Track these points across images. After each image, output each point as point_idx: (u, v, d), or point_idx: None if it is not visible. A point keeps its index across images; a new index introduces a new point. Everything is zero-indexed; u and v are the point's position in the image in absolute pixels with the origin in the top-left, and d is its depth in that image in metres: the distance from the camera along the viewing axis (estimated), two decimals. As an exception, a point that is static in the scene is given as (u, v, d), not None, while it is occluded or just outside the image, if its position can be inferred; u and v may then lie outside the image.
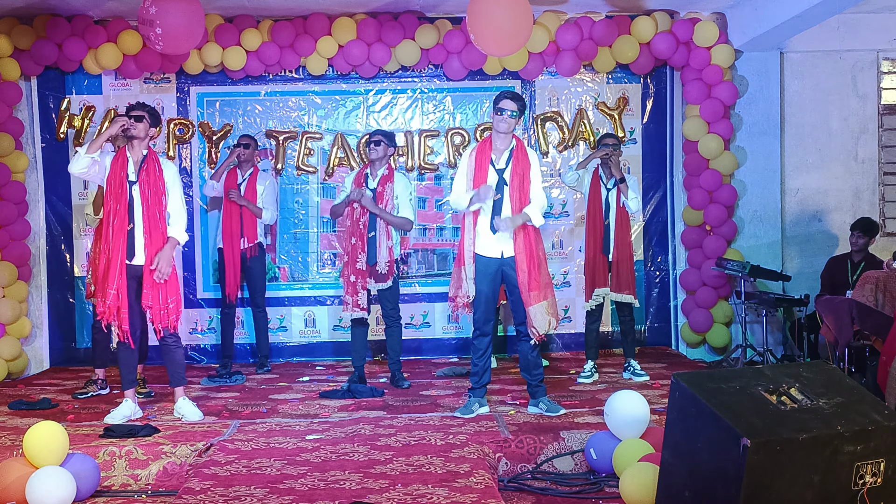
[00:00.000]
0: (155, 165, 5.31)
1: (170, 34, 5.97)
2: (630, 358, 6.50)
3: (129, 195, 5.25)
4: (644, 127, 7.81)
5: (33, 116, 7.41)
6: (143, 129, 5.28)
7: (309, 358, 7.66)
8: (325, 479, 4.13)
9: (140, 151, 5.31)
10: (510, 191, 5.22)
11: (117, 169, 5.27)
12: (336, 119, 7.73)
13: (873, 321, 5.37)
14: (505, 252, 5.26)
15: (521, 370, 5.50)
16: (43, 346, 7.48)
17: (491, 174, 5.24)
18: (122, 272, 5.20)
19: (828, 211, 7.76)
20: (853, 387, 3.56)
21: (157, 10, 5.89)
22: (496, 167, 5.25)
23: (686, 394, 3.40)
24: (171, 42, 6.07)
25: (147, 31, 6.01)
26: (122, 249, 5.21)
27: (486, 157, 5.26)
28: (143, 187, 5.25)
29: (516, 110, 5.21)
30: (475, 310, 5.34)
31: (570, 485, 4.42)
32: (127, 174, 5.27)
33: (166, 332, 5.31)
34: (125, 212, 5.24)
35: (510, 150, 5.27)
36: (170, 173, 5.39)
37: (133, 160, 5.31)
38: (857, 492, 3.28)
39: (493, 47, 6.15)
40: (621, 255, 6.32)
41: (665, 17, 7.39)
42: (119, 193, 5.24)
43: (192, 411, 5.38)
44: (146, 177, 5.26)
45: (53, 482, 4.04)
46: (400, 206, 6.21)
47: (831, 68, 7.73)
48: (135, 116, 5.27)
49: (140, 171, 5.26)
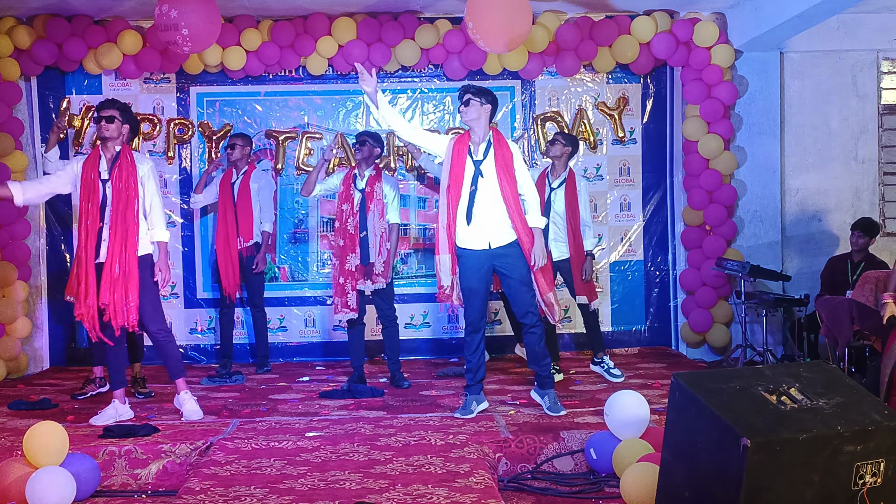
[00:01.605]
0: (128, 162, 5.25)
1: (196, 33, 5.91)
2: (599, 352, 6.48)
3: (101, 194, 5.22)
4: (644, 127, 7.81)
5: (33, 116, 7.41)
6: (115, 129, 5.23)
7: (309, 358, 7.66)
8: (325, 479, 4.13)
9: (113, 149, 5.28)
10: (492, 183, 5.17)
11: (89, 168, 5.25)
12: (336, 119, 7.73)
13: (873, 321, 5.37)
14: (493, 242, 5.20)
15: (528, 363, 5.49)
16: (43, 346, 7.48)
17: (468, 165, 5.22)
18: (92, 272, 5.16)
19: (828, 211, 7.76)
20: (853, 387, 3.56)
21: (179, 13, 5.82)
22: (474, 158, 5.24)
23: (686, 394, 3.40)
24: (199, 40, 6.00)
25: (172, 36, 5.92)
26: (93, 249, 5.17)
27: (465, 147, 5.24)
28: (115, 185, 5.20)
29: (471, 97, 5.17)
30: (467, 306, 5.31)
31: (570, 485, 4.42)
32: (99, 172, 5.24)
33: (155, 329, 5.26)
34: (97, 211, 5.20)
35: (488, 141, 5.25)
36: (143, 170, 5.30)
37: (105, 158, 5.28)
38: (856, 492, 3.28)
39: (492, 42, 6.10)
40: (576, 255, 6.30)
41: (665, 17, 7.39)
42: (91, 192, 5.21)
43: (192, 408, 5.36)
44: (118, 174, 5.21)
45: (53, 482, 4.04)
46: (388, 207, 6.22)
47: (831, 68, 7.73)
48: (105, 118, 5.21)
49: (112, 169, 5.23)
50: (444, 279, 5.29)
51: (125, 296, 5.14)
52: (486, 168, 5.20)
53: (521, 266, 5.22)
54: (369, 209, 6.16)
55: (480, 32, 6.00)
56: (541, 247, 5.23)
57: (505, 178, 5.19)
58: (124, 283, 5.14)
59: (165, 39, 6.07)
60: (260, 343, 7.15)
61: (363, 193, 6.18)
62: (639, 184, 7.80)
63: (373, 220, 6.15)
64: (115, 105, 5.29)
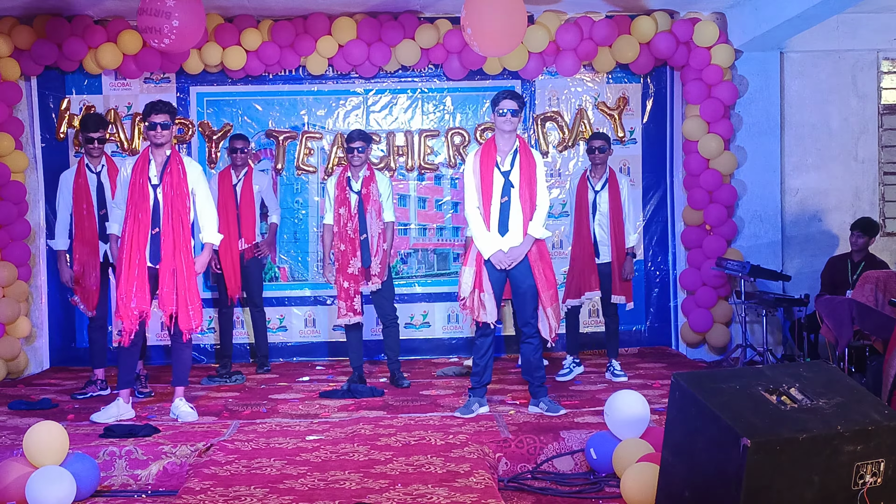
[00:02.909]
0: (179, 167, 5.24)
1: (184, 29, 5.75)
2: (612, 358, 6.53)
3: (154, 199, 5.21)
4: (644, 127, 7.81)
5: (33, 116, 7.41)
6: (168, 134, 5.23)
7: (309, 358, 7.66)
8: (325, 479, 4.13)
9: (164, 153, 5.26)
10: (519, 192, 5.20)
11: (138, 173, 5.22)
12: (336, 119, 7.72)
13: (873, 321, 5.37)
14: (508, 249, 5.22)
15: (522, 373, 5.50)
16: (43, 346, 7.48)
17: (497, 177, 5.22)
18: (145, 276, 5.18)
19: (828, 211, 7.76)
20: (853, 387, 3.56)
21: (176, 3, 5.66)
22: (501, 170, 5.24)
23: (686, 394, 3.40)
24: (184, 37, 5.84)
25: (160, 24, 5.68)
26: (144, 253, 5.17)
27: (491, 160, 5.24)
28: (166, 190, 5.19)
29: (517, 108, 5.21)
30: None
31: (570, 485, 4.42)
32: (149, 178, 5.22)
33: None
34: (148, 216, 5.18)
35: (514, 150, 5.26)
36: (194, 174, 5.31)
37: (156, 162, 5.26)
38: (857, 492, 3.28)
39: (488, 46, 6.07)
40: (617, 257, 6.34)
41: (665, 16, 7.39)
42: (141, 198, 5.18)
43: (187, 412, 5.36)
44: (169, 179, 5.19)
45: (53, 482, 4.04)
46: (384, 206, 6.22)
47: (831, 68, 7.73)
48: (161, 124, 5.17)
49: (163, 174, 5.21)
50: (464, 290, 5.29)
51: (190, 300, 5.19)
52: (514, 178, 5.22)
53: (530, 276, 5.24)
54: (367, 210, 6.14)
55: (477, 38, 5.93)
56: (521, 253, 5.20)
57: (527, 188, 5.21)
58: (187, 287, 5.18)
59: (149, 25, 5.75)
60: (260, 343, 7.15)
61: (360, 195, 6.15)
62: (639, 184, 7.80)
63: (371, 221, 6.14)
64: (167, 108, 5.22)
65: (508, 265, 5.20)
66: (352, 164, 6.19)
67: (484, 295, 5.23)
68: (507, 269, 5.24)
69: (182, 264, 5.21)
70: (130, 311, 5.15)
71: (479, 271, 5.25)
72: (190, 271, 5.23)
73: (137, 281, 5.16)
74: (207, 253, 5.38)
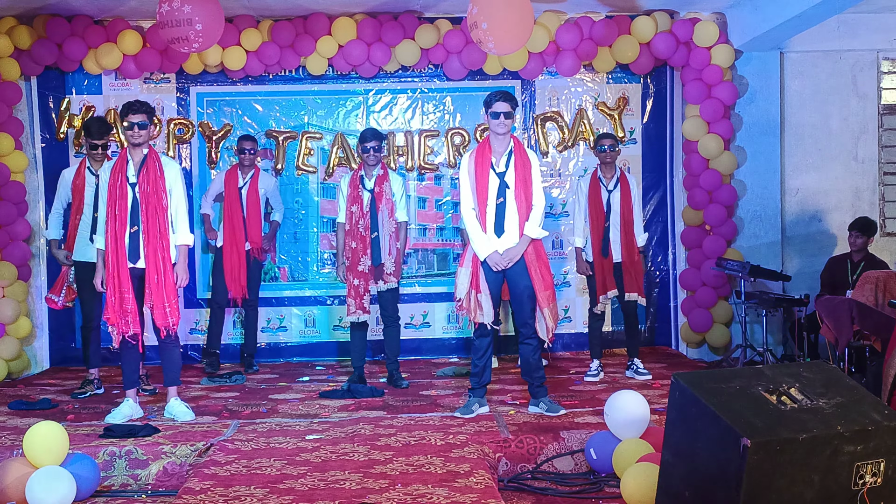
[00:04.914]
0: (156, 165, 5.26)
1: (208, 28, 5.79)
2: (634, 357, 6.53)
3: (132, 197, 5.22)
4: (644, 127, 7.81)
5: (33, 116, 7.40)
6: (146, 134, 5.25)
7: (309, 358, 7.66)
8: (325, 479, 4.13)
9: (141, 152, 5.28)
10: (515, 193, 5.20)
11: (116, 172, 5.25)
12: (336, 119, 7.73)
13: (873, 321, 5.37)
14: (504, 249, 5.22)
15: (521, 373, 5.50)
16: (43, 346, 7.48)
17: (492, 179, 5.22)
18: (127, 276, 5.18)
19: (828, 211, 7.76)
20: (853, 387, 3.56)
21: (192, 8, 5.70)
22: (496, 171, 5.24)
23: (686, 394, 3.40)
24: (210, 35, 5.87)
25: (184, 32, 5.77)
26: (124, 253, 5.18)
27: (486, 161, 5.24)
28: (143, 188, 5.21)
29: (511, 110, 5.21)
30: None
31: (570, 485, 4.42)
32: (127, 176, 5.25)
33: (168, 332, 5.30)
34: (125, 215, 5.21)
35: (509, 151, 5.26)
36: (171, 173, 5.32)
37: (133, 161, 5.28)
38: (857, 492, 3.28)
39: (503, 41, 6.01)
40: (628, 255, 6.33)
41: (665, 17, 7.39)
42: (119, 196, 5.20)
43: (183, 412, 5.35)
44: (146, 177, 5.22)
45: (53, 482, 4.04)
46: (396, 206, 6.21)
47: (831, 68, 7.73)
48: (138, 124, 5.18)
49: (140, 173, 5.24)
50: (460, 291, 5.29)
51: (167, 297, 5.21)
52: (510, 179, 5.21)
53: (527, 276, 5.24)
54: (379, 209, 6.15)
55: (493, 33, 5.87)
56: (517, 253, 5.19)
57: (522, 188, 5.20)
58: (165, 285, 5.21)
59: (175, 36, 5.88)
60: (249, 341, 7.14)
61: (372, 194, 6.15)
62: (639, 184, 7.80)
63: (383, 220, 6.14)
64: (144, 109, 5.24)
65: (504, 266, 5.20)
66: (366, 163, 6.20)
67: (481, 296, 5.22)
68: (503, 270, 5.24)
69: (160, 262, 5.22)
70: (122, 312, 5.17)
71: (476, 272, 5.25)
72: (167, 268, 5.24)
73: (124, 281, 5.18)
74: (183, 257, 5.37)
